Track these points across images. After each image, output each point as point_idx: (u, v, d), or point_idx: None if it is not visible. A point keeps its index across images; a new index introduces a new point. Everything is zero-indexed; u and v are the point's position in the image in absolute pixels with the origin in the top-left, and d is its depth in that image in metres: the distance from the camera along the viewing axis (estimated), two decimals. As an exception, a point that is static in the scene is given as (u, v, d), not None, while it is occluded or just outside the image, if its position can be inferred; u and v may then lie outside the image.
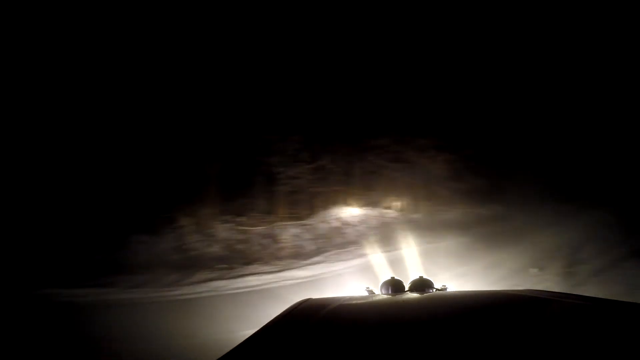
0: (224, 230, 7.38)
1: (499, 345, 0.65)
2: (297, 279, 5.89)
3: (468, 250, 6.48)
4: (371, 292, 1.48)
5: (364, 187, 7.97)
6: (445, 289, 1.49)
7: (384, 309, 1.06)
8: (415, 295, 1.31)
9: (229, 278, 5.50)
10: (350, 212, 8.02)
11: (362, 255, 6.45)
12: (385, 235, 7.44)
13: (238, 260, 6.41)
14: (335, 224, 7.94)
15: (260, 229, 7.55)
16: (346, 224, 7.87)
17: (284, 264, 6.39)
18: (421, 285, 1.47)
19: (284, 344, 0.75)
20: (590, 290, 4.72)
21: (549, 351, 0.60)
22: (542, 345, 0.63)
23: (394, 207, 7.93)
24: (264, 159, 8.01)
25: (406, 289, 1.47)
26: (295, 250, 7.07)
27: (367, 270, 5.84)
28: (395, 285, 1.47)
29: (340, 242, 7.34)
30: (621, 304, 0.87)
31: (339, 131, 7.93)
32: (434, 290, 1.46)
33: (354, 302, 1.13)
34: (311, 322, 0.89)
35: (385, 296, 1.35)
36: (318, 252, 6.95)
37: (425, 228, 7.37)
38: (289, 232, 7.56)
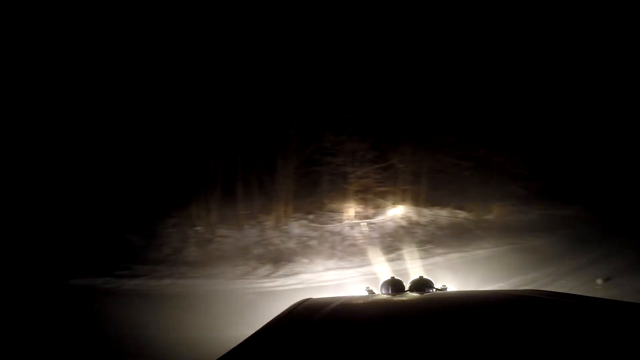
0: (297, 227, 7.83)
1: (499, 345, 0.65)
2: (375, 274, 6.10)
3: (547, 253, 6.28)
4: (371, 292, 1.49)
5: (432, 187, 7.95)
6: (445, 289, 1.48)
7: (384, 309, 1.06)
8: (415, 295, 1.30)
9: (313, 272, 5.89)
10: (418, 212, 8.06)
11: (438, 254, 6.50)
12: (457, 235, 7.40)
13: (316, 255, 6.78)
14: (403, 223, 8.04)
15: (330, 226, 7.90)
16: (415, 223, 7.92)
17: (358, 261, 6.63)
18: (421, 285, 1.47)
19: (284, 344, 0.76)
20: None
21: (549, 351, 0.60)
22: (541, 345, 0.63)
23: (465, 208, 7.82)
24: (332, 159, 8.32)
25: (406, 288, 1.47)
26: (366, 248, 7.28)
27: (447, 268, 5.92)
28: (395, 285, 1.47)
29: (410, 241, 7.42)
30: (621, 304, 0.87)
31: (407, 130, 7.97)
32: (434, 290, 1.46)
33: (354, 302, 1.14)
34: (311, 322, 0.89)
35: (385, 296, 1.34)
36: (389, 250, 7.10)
37: (499, 230, 7.21)
38: (357, 230, 7.82)
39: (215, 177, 7.51)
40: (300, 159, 8.18)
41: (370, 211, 8.28)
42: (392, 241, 7.48)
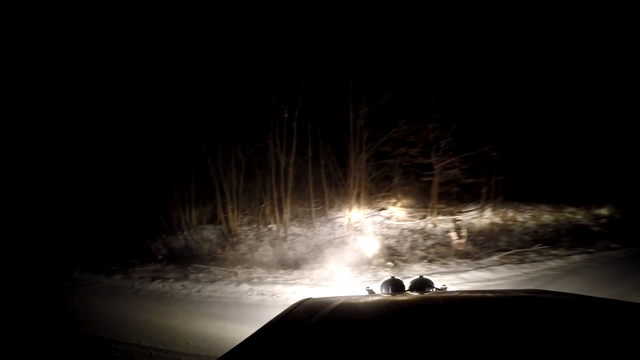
0: (370, 225, 7.15)
1: (499, 344, 0.63)
2: (483, 281, 5.18)
3: None
4: (371, 292, 1.48)
5: (531, 177, 6.82)
6: (445, 288, 1.46)
7: (384, 309, 1.05)
8: (415, 294, 1.28)
9: (400, 277, 5.15)
10: (512, 206, 6.99)
11: (554, 255, 5.43)
12: (568, 234, 6.24)
13: (397, 257, 6.05)
14: (495, 219, 7.02)
15: (409, 224, 7.11)
16: (510, 220, 6.87)
17: (453, 264, 5.76)
18: (421, 284, 1.47)
19: (284, 344, 0.75)
20: None
21: (549, 351, 0.59)
22: (542, 344, 0.61)
23: (571, 202, 6.61)
24: (407, 149, 7.54)
25: (406, 288, 1.46)
26: (458, 249, 6.38)
27: (573, 272, 4.86)
28: (395, 285, 1.46)
29: (508, 240, 6.40)
30: (621, 304, 0.86)
31: (495, 114, 6.95)
32: (434, 290, 1.45)
33: (354, 301, 1.13)
34: (311, 321, 0.88)
35: (385, 296, 1.32)
36: (487, 252, 6.10)
37: (627, 226, 5.94)
38: (442, 228, 6.94)
39: (285, 172, 7.02)
40: (371, 151, 7.47)
41: (455, 206, 7.36)
42: (485, 240, 6.51)
